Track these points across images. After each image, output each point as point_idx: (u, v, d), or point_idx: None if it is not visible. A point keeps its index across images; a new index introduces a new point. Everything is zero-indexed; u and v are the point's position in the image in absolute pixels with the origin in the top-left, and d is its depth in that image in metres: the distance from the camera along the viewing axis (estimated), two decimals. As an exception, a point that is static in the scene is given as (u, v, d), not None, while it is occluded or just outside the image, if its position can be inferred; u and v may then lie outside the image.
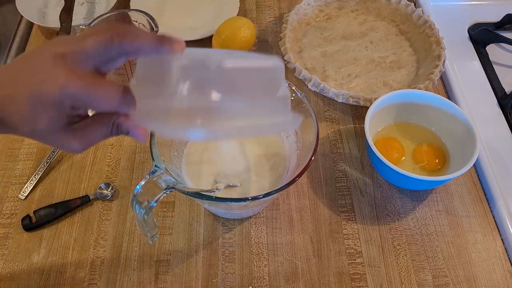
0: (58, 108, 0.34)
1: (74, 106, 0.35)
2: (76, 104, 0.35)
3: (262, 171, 0.60)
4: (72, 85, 0.33)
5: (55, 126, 0.35)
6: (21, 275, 0.58)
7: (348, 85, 0.77)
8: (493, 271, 0.60)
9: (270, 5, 0.92)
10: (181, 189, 0.47)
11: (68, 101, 0.34)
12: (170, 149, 0.58)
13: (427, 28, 0.81)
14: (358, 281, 0.59)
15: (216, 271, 0.59)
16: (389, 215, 0.65)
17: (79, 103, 0.35)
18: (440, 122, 0.69)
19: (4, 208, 0.64)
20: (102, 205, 0.64)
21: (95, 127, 0.38)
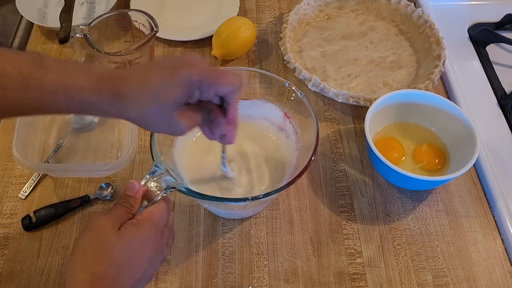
0: (184, 87, 0.41)
1: (201, 85, 0.41)
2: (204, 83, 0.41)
3: (262, 171, 0.60)
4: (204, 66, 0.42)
5: (175, 103, 0.41)
6: (21, 275, 0.58)
7: (348, 85, 0.77)
8: (493, 271, 0.60)
9: (270, 5, 0.92)
10: (181, 189, 0.47)
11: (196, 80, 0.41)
12: (170, 149, 0.58)
13: (427, 28, 0.81)
14: (358, 281, 0.59)
15: (216, 271, 0.59)
16: (389, 215, 0.65)
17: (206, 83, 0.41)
18: (440, 122, 0.69)
19: (4, 208, 0.64)
20: (102, 205, 0.64)
21: (199, 112, 0.45)
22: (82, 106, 0.41)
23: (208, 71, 0.42)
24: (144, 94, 0.41)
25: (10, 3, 0.84)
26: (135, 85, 0.41)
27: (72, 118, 0.72)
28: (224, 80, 0.42)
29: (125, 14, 0.76)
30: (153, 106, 0.41)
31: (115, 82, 0.41)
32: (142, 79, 0.41)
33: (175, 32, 0.84)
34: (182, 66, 0.41)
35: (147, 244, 0.42)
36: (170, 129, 0.44)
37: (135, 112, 0.42)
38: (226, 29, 0.78)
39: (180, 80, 0.41)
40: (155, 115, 0.42)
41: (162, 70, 0.41)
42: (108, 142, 0.70)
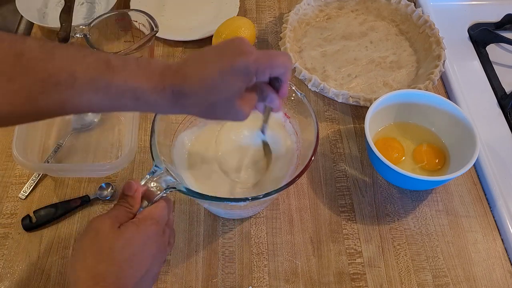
0: (244, 76, 0.42)
1: (257, 71, 0.43)
2: (260, 69, 0.43)
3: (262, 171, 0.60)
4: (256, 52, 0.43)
5: (236, 93, 0.43)
6: (21, 275, 0.58)
7: (348, 85, 0.77)
8: (493, 271, 0.60)
9: (270, 5, 0.92)
10: (181, 189, 0.47)
11: (254, 68, 0.42)
12: (170, 149, 0.58)
13: (427, 28, 0.81)
14: (358, 281, 0.59)
15: (216, 271, 0.59)
16: (389, 215, 0.65)
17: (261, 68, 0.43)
18: (440, 122, 0.69)
19: (4, 208, 0.64)
20: (102, 205, 0.64)
21: (255, 94, 0.46)
22: (148, 106, 0.43)
23: (262, 57, 0.43)
24: (204, 89, 0.42)
25: (10, 3, 0.84)
26: (195, 80, 0.42)
27: (72, 118, 0.72)
28: (277, 62, 0.44)
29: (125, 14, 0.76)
30: (215, 100, 0.43)
31: (176, 80, 0.42)
32: (201, 73, 0.42)
33: (175, 32, 0.84)
34: (237, 55, 0.42)
35: (149, 241, 0.42)
36: (233, 117, 0.45)
37: (198, 108, 0.44)
38: (226, 29, 0.78)
39: (238, 70, 0.41)
40: (218, 107, 0.43)
41: (219, 61, 0.42)
42: (108, 142, 0.70)
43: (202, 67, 0.42)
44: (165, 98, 0.42)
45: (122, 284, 0.39)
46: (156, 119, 0.53)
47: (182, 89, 0.42)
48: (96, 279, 0.39)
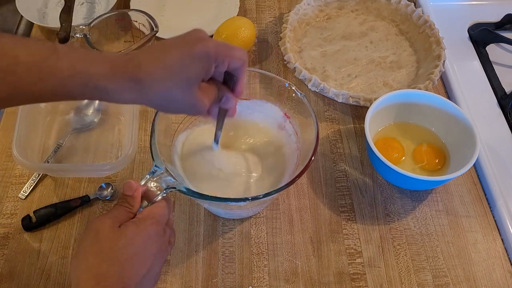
0: (204, 61, 0.41)
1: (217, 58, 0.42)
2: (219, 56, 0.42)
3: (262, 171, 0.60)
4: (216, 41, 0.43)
5: (196, 79, 0.42)
6: (21, 275, 0.58)
7: (348, 85, 0.77)
8: (493, 271, 0.60)
9: (270, 5, 0.92)
10: (181, 189, 0.47)
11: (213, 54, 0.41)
12: (170, 149, 0.58)
13: (427, 28, 0.81)
14: (358, 281, 0.59)
15: (216, 271, 0.59)
16: (389, 215, 0.65)
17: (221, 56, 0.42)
18: (440, 122, 0.69)
19: (4, 208, 0.64)
20: (102, 205, 0.64)
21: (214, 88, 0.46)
22: (97, 93, 0.41)
23: (221, 45, 0.43)
24: (162, 74, 0.41)
25: (10, 3, 0.84)
26: (152, 66, 0.41)
27: (72, 118, 0.72)
28: (236, 53, 0.44)
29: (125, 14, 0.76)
30: (174, 86, 0.41)
31: (130, 67, 0.41)
32: (159, 59, 0.41)
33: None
34: (196, 41, 0.42)
35: (150, 241, 0.42)
36: (192, 108, 0.44)
37: (155, 95, 0.42)
38: (226, 29, 0.78)
39: (198, 55, 0.41)
40: (176, 95, 0.42)
41: (177, 47, 0.42)
42: (108, 142, 0.70)
43: (160, 54, 0.42)
44: (117, 85, 0.41)
45: (124, 283, 0.39)
46: (156, 119, 0.53)
47: (137, 74, 0.41)
48: (97, 279, 0.39)
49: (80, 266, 0.40)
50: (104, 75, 0.40)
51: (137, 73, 0.41)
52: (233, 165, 0.60)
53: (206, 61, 0.42)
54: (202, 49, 0.41)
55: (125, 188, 0.44)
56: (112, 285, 0.39)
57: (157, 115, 0.53)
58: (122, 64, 0.41)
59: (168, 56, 0.41)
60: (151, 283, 0.43)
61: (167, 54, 0.41)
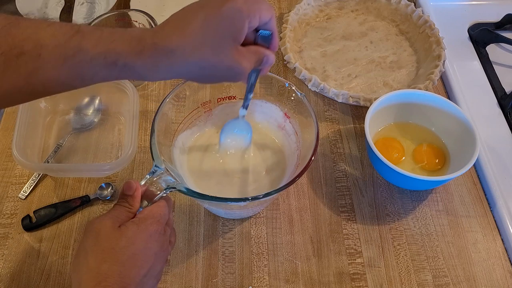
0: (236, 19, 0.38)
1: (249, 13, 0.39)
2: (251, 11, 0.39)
3: (262, 171, 0.60)
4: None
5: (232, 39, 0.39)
6: (21, 275, 0.58)
7: (348, 85, 0.77)
8: (493, 271, 0.60)
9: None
10: (181, 189, 0.47)
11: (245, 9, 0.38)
12: (170, 149, 0.58)
13: (427, 28, 0.81)
14: (358, 281, 0.59)
15: (216, 271, 0.59)
16: (389, 215, 0.65)
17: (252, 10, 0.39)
18: (440, 122, 0.69)
19: (4, 208, 0.64)
20: (102, 205, 0.64)
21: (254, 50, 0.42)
22: (126, 71, 0.39)
23: (249, 1, 0.39)
24: (194, 40, 0.38)
25: (10, 3, 0.84)
26: (181, 35, 0.38)
27: (72, 118, 0.72)
28: (264, 5, 0.41)
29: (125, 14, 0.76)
30: (208, 50, 0.38)
31: (159, 39, 0.38)
32: (187, 26, 0.38)
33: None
34: (224, 1, 0.38)
35: (150, 240, 0.42)
36: (230, 72, 0.41)
37: (189, 66, 0.39)
38: (226, 29, 0.78)
39: (229, 13, 0.38)
40: (213, 60, 0.39)
41: (204, 9, 0.38)
42: (108, 142, 0.70)
43: (187, 20, 0.38)
44: (146, 60, 0.38)
45: (125, 283, 0.39)
46: (156, 119, 0.53)
47: (166, 46, 0.38)
48: (99, 279, 0.38)
49: (81, 266, 0.40)
50: (132, 52, 0.38)
51: (167, 44, 0.38)
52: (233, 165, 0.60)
53: (238, 19, 0.38)
54: (232, 6, 0.38)
55: (125, 188, 0.44)
56: (113, 285, 0.38)
57: (157, 115, 0.53)
58: (149, 37, 0.38)
59: (196, 20, 0.38)
60: (153, 283, 0.43)
61: (195, 18, 0.38)
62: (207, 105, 0.62)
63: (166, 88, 0.77)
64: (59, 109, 0.72)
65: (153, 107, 0.75)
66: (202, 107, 0.61)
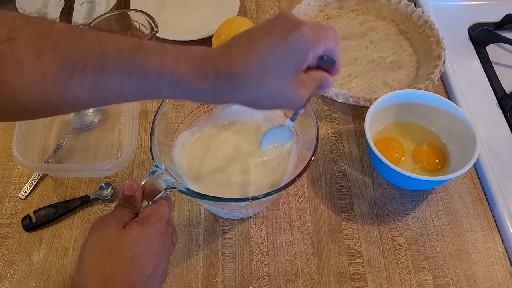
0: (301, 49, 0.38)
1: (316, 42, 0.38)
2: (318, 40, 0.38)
3: (261, 171, 0.60)
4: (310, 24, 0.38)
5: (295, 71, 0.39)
6: (21, 275, 0.58)
7: (348, 85, 0.77)
8: (493, 271, 0.60)
9: (270, 5, 0.92)
10: (181, 189, 0.47)
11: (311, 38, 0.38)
12: (170, 149, 0.58)
13: (427, 28, 0.81)
14: (358, 281, 0.59)
15: (216, 271, 0.59)
16: (389, 215, 0.65)
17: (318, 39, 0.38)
18: (440, 122, 0.69)
19: (4, 208, 0.64)
20: (102, 205, 0.64)
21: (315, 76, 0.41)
22: (187, 93, 0.39)
23: (316, 27, 0.38)
24: (257, 68, 0.37)
25: (10, 3, 0.84)
26: (244, 60, 0.37)
27: (72, 118, 0.72)
28: (330, 32, 0.40)
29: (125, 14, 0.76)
30: (270, 80, 0.38)
31: (222, 63, 0.37)
32: (251, 52, 0.37)
33: (175, 32, 0.84)
34: (289, 27, 0.37)
35: (154, 239, 0.42)
36: (288, 102, 0.40)
37: (249, 93, 0.39)
38: (226, 29, 0.78)
39: (295, 42, 0.37)
40: (273, 89, 0.39)
41: (270, 38, 0.37)
42: (108, 142, 0.70)
43: (249, 46, 0.38)
44: (208, 84, 0.38)
45: (131, 283, 0.39)
46: (156, 119, 0.53)
47: (229, 71, 0.37)
48: (105, 279, 0.38)
49: (86, 267, 0.40)
50: (195, 74, 0.37)
51: (230, 69, 0.37)
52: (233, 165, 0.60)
53: (303, 48, 0.38)
54: (299, 36, 0.37)
55: (125, 188, 0.44)
56: (119, 285, 0.39)
57: (157, 115, 0.53)
58: (212, 60, 0.38)
59: (261, 47, 0.37)
60: (158, 282, 0.43)
61: (260, 45, 0.37)
62: (207, 105, 0.62)
63: (166, 88, 0.77)
64: (59, 109, 0.72)
65: (153, 107, 0.75)
66: (202, 107, 0.61)
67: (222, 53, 0.38)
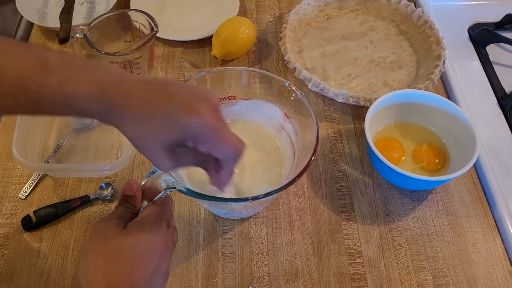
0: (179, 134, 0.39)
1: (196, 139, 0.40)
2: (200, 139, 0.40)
3: (262, 171, 0.60)
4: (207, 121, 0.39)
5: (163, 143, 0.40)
6: (21, 275, 0.58)
7: (348, 85, 0.77)
8: (493, 271, 0.60)
9: (270, 5, 0.92)
10: (181, 189, 0.47)
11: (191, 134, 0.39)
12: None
13: (427, 28, 0.81)
14: (358, 281, 0.59)
15: (216, 271, 0.59)
16: (389, 215, 0.65)
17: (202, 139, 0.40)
18: (440, 122, 0.69)
19: (4, 208, 0.64)
20: (102, 205, 0.64)
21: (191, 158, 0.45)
22: (80, 113, 0.40)
23: (211, 128, 0.39)
24: (140, 121, 0.39)
25: (10, 3, 0.84)
26: (135, 108, 0.39)
27: (72, 118, 0.72)
28: (222, 145, 0.41)
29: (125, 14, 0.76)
30: (145, 136, 0.40)
31: (118, 96, 0.39)
32: (144, 104, 0.39)
33: (175, 32, 0.84)
34: (188, 110, 0.39)
35: (155, 238, 0.42)
36: (155, 162, 0.43)
37: (130, 132, 0.41)
38: (226, 29, 0.78)
39: (177, 126, 0.39)
40: (145, 143, 0.41)
41: (167, 105, 0.39)
42: (108, 142, 0.70)
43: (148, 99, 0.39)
44: (101, 110, 0.39)
45: (133, 282, 0.39)
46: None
47: (122, 107, 0.39)
48: (108, 280, 0.39)
49: (88, 267, 0.40)
50: (90, 98, 0.38)
51: (123, 106, 0.39)
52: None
53: (180, 134, 0.39)
54: (184, 124, 0.39)
55: (125, 188, 0.44)
56: (122, 285, 0.39)
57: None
58: (112, 89, 0.39)
59: (152, 107, 0.39)
60: (161, 281, 0.43)
61: (153, 104, 0.39)
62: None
63: (166, 88, 0.77)
64: (59, 109, 0.72)
65: (153, 107, 0.74)
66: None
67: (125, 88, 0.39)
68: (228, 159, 0.44)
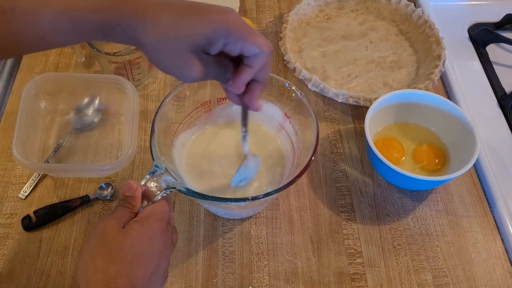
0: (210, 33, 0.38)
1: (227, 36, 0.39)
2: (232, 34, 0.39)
3: (261, 171, 0.60)
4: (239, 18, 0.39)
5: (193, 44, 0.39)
6: (21, 275, 0.58)
7: (348, 85, 0.77)
8: (493, 271, 0.60)
9: (270, 5, 0.92)
10: (181, 189, 0.47)
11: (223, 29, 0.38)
12: (170, 149, 0.58)
13: (427, 28, 0.81)
14: (358, 281, 0.59)
15: (216, 271, 0.59)
16: (389, 215, 0.65)
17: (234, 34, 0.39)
18: (440, 122, 0.69)
19: (4, 208, 0.64)
20: (102, 205, 0.64)
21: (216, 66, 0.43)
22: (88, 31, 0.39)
23: (240, 24, 0.39)
24: (165, 21, 0.38)
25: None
26: (159, 10, 0.38)
27: (72, 118, 0.72)
28: (254, 38, 0.40)
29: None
30: (171, 37, 0.39)
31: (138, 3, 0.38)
32: (169, 7, 0.38)
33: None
34: (216, 11, 0.39)
35: (155, 238, 0.42)
36: (180, 71, 0.41)
37: (150, 39, 0.39)
38: (226, 29, 0.78)
39: (207, 23, 0.38)
40: (170, 48, 0.39)
41: (194, 8, 0.39)
42: (108, 142, 0.70)
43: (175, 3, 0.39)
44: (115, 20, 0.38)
45: (133, 283, 0.39)
46: (156, 119, 0.53)
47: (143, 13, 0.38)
48: (107, 280, 0.39)
49: (87, 268, 0.40)
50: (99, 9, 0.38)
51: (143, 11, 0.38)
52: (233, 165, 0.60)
53: (211, 33, 0.39)
54: (214, 20, 0.38)
55: (125, 188, 0.44)
56: (121, 286, 0.39)
57: (157, 115, 0.53)
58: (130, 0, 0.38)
59: (179, 8, 0.38)
60: (160, 281, 0.43)
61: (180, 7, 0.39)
62: (207, 105, 0.62)
63: (166, 88, 0.77)
64: (59, 109, 0.72)
65: (153, 107, 0.75)
66: (202, 107, 0.61)
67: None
68: (260, 53, 0.41)
